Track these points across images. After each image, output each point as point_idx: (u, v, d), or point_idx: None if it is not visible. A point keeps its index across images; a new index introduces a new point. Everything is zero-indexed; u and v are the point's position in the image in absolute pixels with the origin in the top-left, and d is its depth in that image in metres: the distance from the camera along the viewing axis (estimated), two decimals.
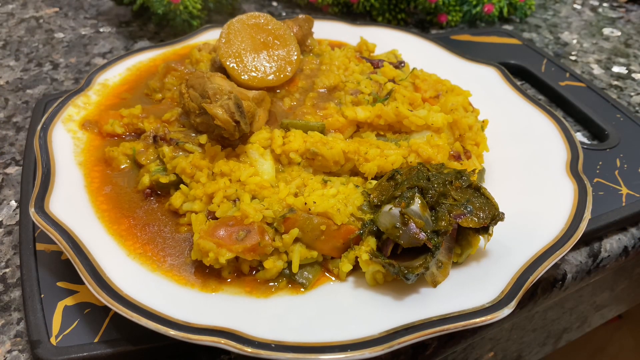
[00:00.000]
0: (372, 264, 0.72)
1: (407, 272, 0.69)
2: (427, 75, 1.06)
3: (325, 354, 0.61)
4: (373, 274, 0.73)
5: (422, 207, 0.72)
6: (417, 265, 0.70)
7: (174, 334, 0.63)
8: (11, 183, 0.99)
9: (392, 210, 0.73)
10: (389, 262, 0.70)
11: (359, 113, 0.91)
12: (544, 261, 0.73)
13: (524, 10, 1.61)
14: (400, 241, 0.71)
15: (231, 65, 0.96)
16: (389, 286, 0.74)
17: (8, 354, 0.71)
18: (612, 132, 1.10)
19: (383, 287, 0.74)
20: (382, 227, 0.74)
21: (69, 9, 1.61)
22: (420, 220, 0.71)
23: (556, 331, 1.19)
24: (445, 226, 0.72)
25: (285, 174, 0.85)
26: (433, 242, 0.71)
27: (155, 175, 0.87)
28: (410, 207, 0.72)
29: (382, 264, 0.71)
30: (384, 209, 0.74)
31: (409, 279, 0.70)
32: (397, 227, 0.72)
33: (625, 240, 0.94)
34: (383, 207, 0.74)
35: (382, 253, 0.73)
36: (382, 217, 0.74)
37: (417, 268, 0.69)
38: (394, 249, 0.73)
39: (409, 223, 0.71)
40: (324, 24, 1.30)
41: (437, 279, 0.73)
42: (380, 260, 0.71)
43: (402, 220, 0.71)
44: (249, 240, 0.73)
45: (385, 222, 0.73)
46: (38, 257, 0.79)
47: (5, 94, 1.23)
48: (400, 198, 0.74)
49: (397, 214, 0.72)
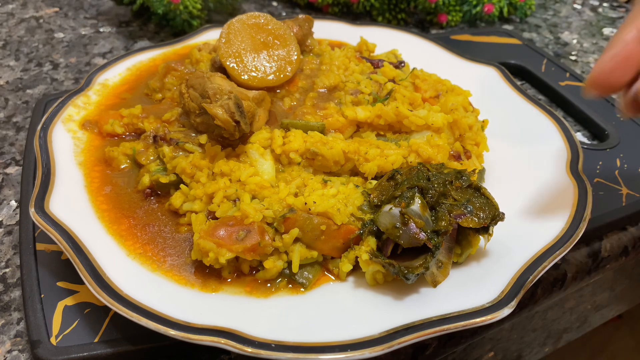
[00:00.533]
0: (372, 264, 0.72)
1: (407, 272, 0.69)
2: (427, 75, 1.06)
3: (325, 354, 0.61)
4: (373, 274, 0.73)
5: (422, 207, 0.72)
6: (417, 265, 0.70)
7: (174, 334, 0.63)
8: (11, 183, 0.99)
9: (392, 210, 0.73)
10: (388, 262, 0.70)
11: (359, 113, 0.91)
12: (544, 261, 0.73)
13: (524, 10, 1.61)
14: (401, 241, 0.71)
15: (231, 65, 0.96)
16: (389, 286, 0.74)
17: (8, 354, 0.71)
18: (612, 132, 1.10)
19: (383, 287, 0.74)
20: (382, 227, 0.74)
21: (69, 9, 1.61)
22: (420, 220, 0.71)
23: (556, 331, 1.19)
24: (446, 226, 0.72)
25: (285, 174, 0.85)
26: (433, 242, 0.71)
27: (155, 175, 0.87)
28: (410, 207, 0.72)
29: (382, 264, 0.71)
30: (384, 209, 0.74)
31: (409, 279, 0.70)
32: (397, 227, 0.72)
33: (625, 240, 0.94)
34: (383, 207, 0.74)
35: (382, 253, 0.73)
36: (382, 217, 0.74)
37: (417, 268, 0.69)
38: (394, 249, 0.73)
39: (409, 223, 0.71)
40: (324, 24, 1.30)
41: (437, 279, 0.73)
42: (380, 260, 0.71)
43: (402, 220, 0.71)
44: (249, 240, 0.73)
45: (385, 222, 0.73)
46: (38, 257, 0.79)
47: (5, 94, 1.23)
48: (400, 198, 0.74)
49: (397, 214, 0.72)
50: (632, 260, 0.97)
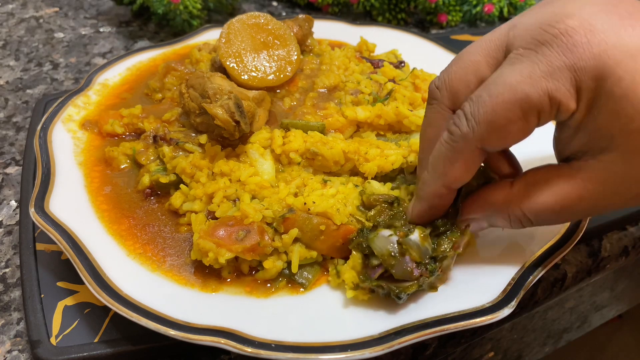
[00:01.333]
0: (357, 291, 0.69)
1: (398, 291, 0.66)
2: (428, 75, 1.05)
3: (325, 354, 0.61)
4: (356, 294, 0.70)
5: (423, 238, 0.68)
6: (409, 285, 0.67)
7: (174, 334, 0.63)
8: (11, 183, 0.99)
9: (391, 237, 0.68)
10: (377, 284, 0.67)
11: (359, 113, 0.91)
12: (544, 261, 0.72)
13: (524, 10, 1.60)
14: (393, 271, 0.67)
15: (231, 65, 0.96)
16: None
17: (8, 354, 0.71)
18: None
19: None
20: (376, 251, 0.69)
21: (69, 9, 1.61)
22: (419, 251, 0.67)
23: (556, 331, 1.19)
24: (445, 251, 0.68)
25: (285, 174, 0.85)
26: (430, 268, 0.67)
27: (155, 175, 0.87)
28: (409, 236, 0.68)
29: (370, 287, 0.68)
30: (381, 233, 0.69)
31: (401, 299, 0.66)
32: (393, 255, 0.67)
33: (625, 240, 0.94)
34: (380, 230, 0.70)
35: (369, 274, 0.69)
36: (378, 241, 0.69)
37: (409, 287, 0.66)
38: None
39: (405, 254, 0.67)
40: (324, 24, 1.30)
41: (436, 285, 0.71)
42: (367, 285, 0.68)
43: (399, 250, 0.67)
44: (248, 240, 0.73)
45: (381, 248, 0.68)
46: (38, 257, 0.79)
47: (5, 94, 1.23)
48: (400, 227, 0.69)
49: (394, 242, 0.68)
50: (632, 260, 0.97)
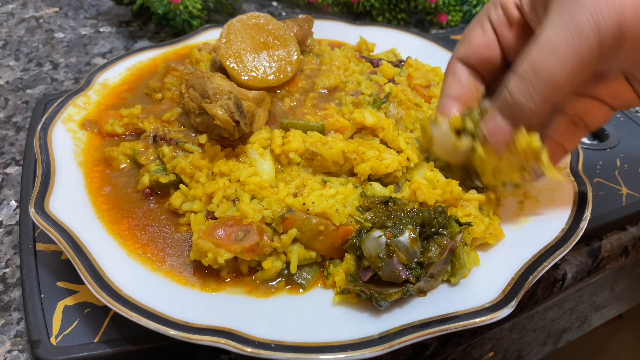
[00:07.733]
0: (344, 295, 0.70)
1: (379, 298, 0.66)
2: (421, 65, 1.10)
3: (325, 354, 0.61)
4: (343, 298, 0.71)
5: (412, 240, 0.68)
6: (392, 292, 0.67)
7: (174, 334, 0.63)
8: (11, 183, 0.99)
9: (380, 239, 0.68)
10: (360, 289, 0.68)
11: (368, 118, 0.90)
12: (544, 261, 0.72)
13: None
14: (381, 273, 0.68)
15: (231, 65, 0.96)
16: None
17: (8, 354, 0.71)
18: (612, 132, 1.10)
19: None
20: (366, 252, 0.69)
21: (69, 9, 1.61)
22: (407, 253, 0.67)
23: (556, 331, 1.19)
24: (432, 257, 0.68)
25: (284, 174, 0.85)
26: (415, 274, 0.67)
27: (155, 175, 0.87)
28: (397, 237, 0.68)
29: (355, 291, 0.68)
30: (372, 234, 0.70)
31: (381, 306, 0.67)
32: (380, 257, 0.68)
33: (625, 240, 0.94)
34: (372, 231, 0.70)
35: (359, 277, 0.70)
36: (368, 242, 0.69)
37: (392, 295, 0.66)
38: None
39: (392, 256, 0.67)
40: (324, 24, 1.30)
41: (425, 289, 0.71)
42: (352, 287, 0.69)
43: (387, 252, 0.68)
44: (247, 240, 0.73)
45: (370, 249, 0.69)
46: (38, 257, 0.79)
47: (5, 94, 1.23)
48: (391, 228, 0.70)
49: (383, 244, 0.68)
50: (632, 260, 0.97)
